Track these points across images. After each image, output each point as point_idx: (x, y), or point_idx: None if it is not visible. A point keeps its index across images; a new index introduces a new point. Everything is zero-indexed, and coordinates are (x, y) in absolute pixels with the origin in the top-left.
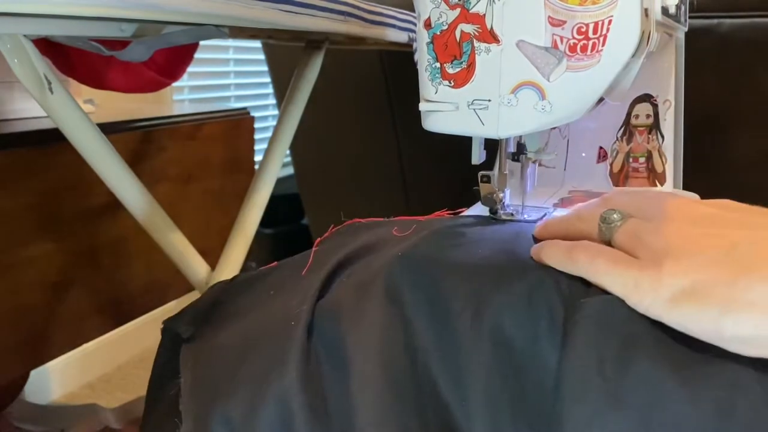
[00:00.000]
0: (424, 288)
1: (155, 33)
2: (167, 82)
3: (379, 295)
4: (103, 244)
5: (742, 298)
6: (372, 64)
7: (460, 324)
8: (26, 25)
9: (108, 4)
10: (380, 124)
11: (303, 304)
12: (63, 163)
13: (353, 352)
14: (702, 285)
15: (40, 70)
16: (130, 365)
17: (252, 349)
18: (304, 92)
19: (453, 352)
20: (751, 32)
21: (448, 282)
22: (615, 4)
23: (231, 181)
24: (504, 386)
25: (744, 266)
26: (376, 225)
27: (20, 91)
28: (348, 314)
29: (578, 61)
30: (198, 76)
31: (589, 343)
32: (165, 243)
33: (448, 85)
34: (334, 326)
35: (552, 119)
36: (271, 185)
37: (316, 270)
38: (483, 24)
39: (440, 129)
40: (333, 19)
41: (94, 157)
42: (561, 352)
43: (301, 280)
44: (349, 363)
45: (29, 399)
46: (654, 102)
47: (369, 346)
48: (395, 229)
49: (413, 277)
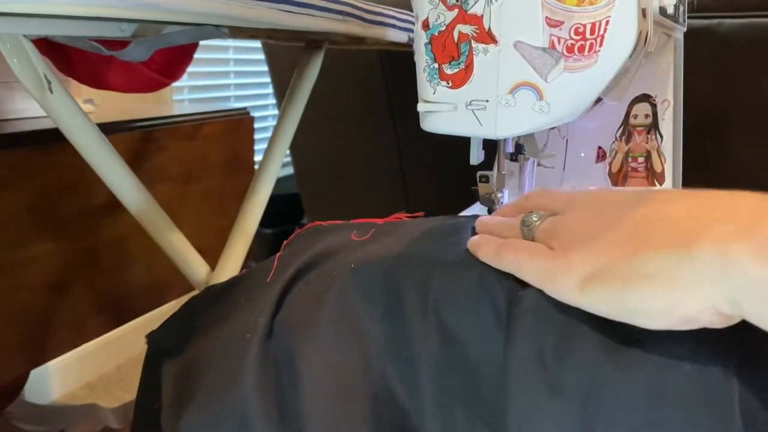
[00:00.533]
0: (375, 297)
1: (155, 33)
2: (167, 82)
3: (332, 306)
4: (103, 244)
5: (640, 273)
6: (372, 64)
7: (413, 326)
8: (26, 25)
9: (108, 4)
10: (380, 124)
11: (260, 316)
12: (63, 163)
13: (306, 364)
14: (605, 266)
15: (39, 70)
16: (130, 365)
17: (214, 362)
18: (304, 92)
19: (407, 356)
20: (751, 32)
21: (399, 286)
22: (612, 5)
23: (231, 181)
24: (457, 383)
25: (642, 243)
26: (336, 228)
27: (20, 91)
28: (302, 327)
29: (576, 62)
30: (198, 76)
31: (528, 334)
32: (165, 243)
33: (446, 86)
34: (290, 339)
35: (550, 119)
36: (271, 185)
37: (279, 275)
38: (481, 25)
39: (439, 129)
40: (332, 19)
41: (94, 157)
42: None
43: (266, 287)
44: (301, 375)
45: (29, 399)
46: (653, 102)
47: (321, 358)
48: (354, 233)
49: (365, 287)
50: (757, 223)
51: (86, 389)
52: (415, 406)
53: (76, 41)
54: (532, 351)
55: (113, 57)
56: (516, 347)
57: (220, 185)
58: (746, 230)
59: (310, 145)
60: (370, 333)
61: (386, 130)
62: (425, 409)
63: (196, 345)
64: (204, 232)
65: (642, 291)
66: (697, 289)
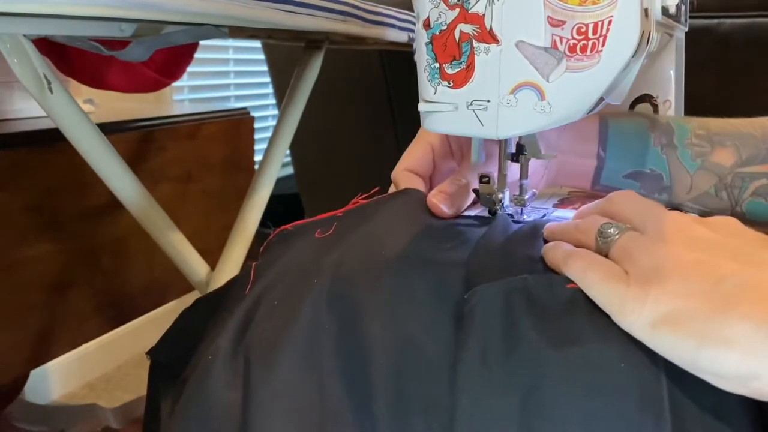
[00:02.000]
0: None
1: (155, 33)
2: (167, 82)
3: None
4: (103, 244)
5: (719, 334)
6: (372, 64)
7: (371, 335)
8: (26, 25)
9: (108, 4)
10: (380, 124)
11: (222, 338)
12: (63, 163)
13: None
14: (682, 314)
15: (39, 70)
16: (130, 365)
17: (189, 382)
18: (304, 92)
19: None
20: (751, 32)
21: (356, 296)
22: (615, 4)
23: (231, 181)
24: (416, 389)
25: (727, 301)
26: (301, 230)
27: (20, 91)
28: (264, 350)
29: (578, 62)
30: (198, 76)
31: (474, 334)
32: (165, 243)
33: (447, 86)
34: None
35: (551, 120)
36: (271, 185)
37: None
38: (482, 24)
39: (439, 129)
40: (332, 18)
41: (94, 157)
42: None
43: (242, 302)
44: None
45: (29, 399)
46: (654, 102)
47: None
48: (318, 232)
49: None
50: None
51: (86, 389)
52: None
53: (76, 41)
54: (477, 352)
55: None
56: (464, 348)
57: (220, 185)
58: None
59: (310, 145)
60: (325, 351)
61: (386, 130)
62: (381, 420)
63: (185, 363)
64: (204, 232)
65: (719, 354)
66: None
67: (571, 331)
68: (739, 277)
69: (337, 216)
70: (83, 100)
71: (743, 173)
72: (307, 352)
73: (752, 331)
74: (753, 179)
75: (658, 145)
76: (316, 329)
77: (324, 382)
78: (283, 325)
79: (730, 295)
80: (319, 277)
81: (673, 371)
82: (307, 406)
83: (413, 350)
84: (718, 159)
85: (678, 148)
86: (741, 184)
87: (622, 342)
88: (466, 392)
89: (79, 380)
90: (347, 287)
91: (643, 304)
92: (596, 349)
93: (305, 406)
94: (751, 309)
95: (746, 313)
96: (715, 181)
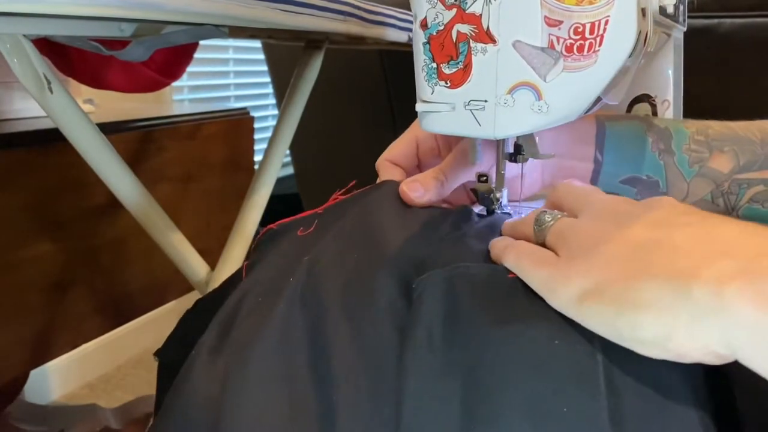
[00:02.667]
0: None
1: (155, 33)
2: (167, 81)
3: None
4: (103, 244)
5: (634, 298)
6: (372, 64)
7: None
8: (26, 25)
9: (108, 4)
10: (380, 124)
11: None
12: (63, 163)
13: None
14: (603, 285)
15: (39, 70)
16: (130, 365)
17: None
18: (304, 92)
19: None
20: (751, 32)
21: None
22: (612, 4)
23: (231, 181)
24: (376, 386)
25: (641, 267)
26: (285, 229)
27: (20, 91)
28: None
29: (575, 62)
30: (198, 76)
31: (420, 320)
32: (165, 243)
33: (444, 86)
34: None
35: (549, 120)
36: (271, 185)
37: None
38: (479, 24)
39: (437, 130)
40: (333, 18)
41: (94, 157)
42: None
43: (226, 300)
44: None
45: (29, 399)
46: (652, 102)
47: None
48: (300, 230)
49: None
50: (760, 263)
51: (86, 389)
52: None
53: (76, 41)
54: (423, 336)
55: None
56: (411, 335)
57: (220, 185)
58: (747, 270)
59: (310, 145)
60: (296, 345)
61: (386, 131)
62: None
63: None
64: (204, 232)
65: (634, 318)
66: (691, 326)
67: (510, 313)
68: (656, 241)
69: (318, 213)
70: (83, 100)
71: (740, 179)
72: (281, 346)
73: (663, 290)
74: (750, 185)
75: (656, 150)
76: (289, 325)
77: (294, 373)
78: (260, 320)
79: (646, 259)
80: (295, 275)
81: (609, 347)
82: (278, 397)
83: (371, 347)
84: (716, 165)
85: (676, 154)
86: (738, 190)
87: (557, 321)
88: (412, 375)
89: (78, 380)
90: (318, 285)
91: (569, 280)
92: (532, 327)
93: (276, 396)
94: (663, 269)
95: (658, 273)
96: (711, 188)
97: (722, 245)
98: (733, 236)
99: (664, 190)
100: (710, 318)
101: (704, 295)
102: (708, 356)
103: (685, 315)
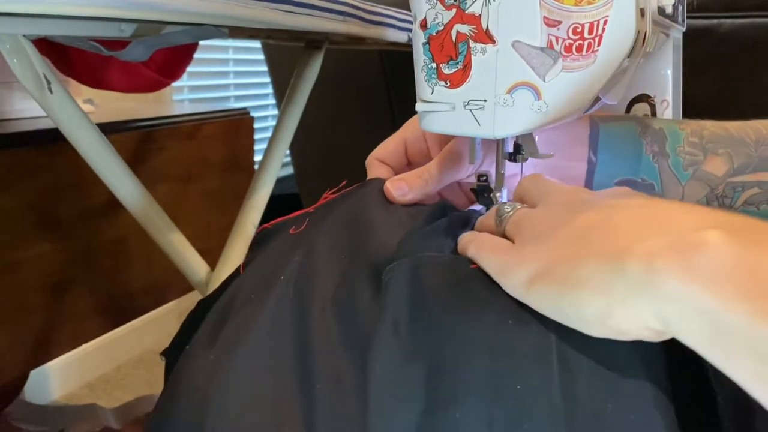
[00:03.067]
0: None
1: (155, 33)
2: (167, 82)
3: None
4: (103, 244)
5: (576, 278)
6: (372, 64)
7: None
8: (26, 25)
9: (108, 4)
10: (380, 123)
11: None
12: (63, 163)
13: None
14: (548, 267)
15: (39, 70)
16: (130, 365)
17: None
18: (304, 92)
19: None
20: (751, 32)
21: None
22: (610, 4)
23: (230, 181)
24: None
25: (583, 248)
26: (279, 227)
27: (20, 91)
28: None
29: (574, 62)
30: (198, 76)
31: (387, 307)
32: (164, 243)
33: (444, 86)
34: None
35: (548, 119)
36: (270, 185)
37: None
38: (479, 24)
39: (437, 129)
40: (332, 19)
41: (93, 157)
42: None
43: (221, 297)
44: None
45: (29, 399)
46: (651, 102)
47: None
48: (292, 229)
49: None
50: (691, 238)
51: (86, 389)
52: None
53: (76, 41)
54: (389, 322)
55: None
56: (380, 322)
57: (219, 185)
58: (677, 245)
59: (310, 145)
60: (283, 339)
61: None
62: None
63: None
64: (204, 232)
65: (575, 297)
66: (626, 302)
67: (469, 298)
68: (599, 222)
69: (309, 212)
70: (83, 100)
71: (734, 183)
72: (269, 341)
73: (600, 268)
74: (744, 188)
75: (650, 152)
76: (278, 321)
77: (280, 367)
78: (251, 317)
79: (588, 241)
80: (286, 273)
81: (563, 327)
82: (263, 388)
83: (350, 347)
84: (710, 168)
85: (670, 156)
86: (733, 194)
87: (512, 304)
88: (379, 361)
89: (78, 380)
90: (307, 285)
91: (519, 265)
92: (488, 310)
93: (262, 387)
94: (603, 248)
95: (597, 253)
96: (706, 192)
97: (658, 224)
98: (669, 215)
99: (660, 193)
100: (642, 293)
101: (636, 272)
102: (645, 332)
103: (620, 292)
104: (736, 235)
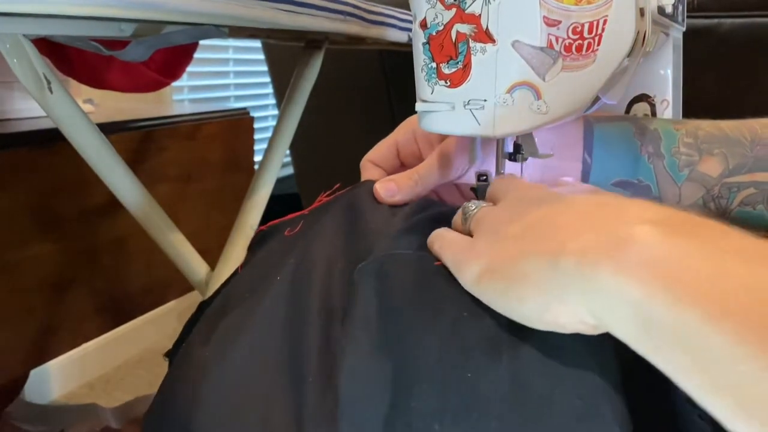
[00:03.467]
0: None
1: (155, 33)
2: (167, 81)
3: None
4: (103, 244)
5: (519, 273)
6: (372, 64)
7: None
8: (26, 25)
9: (107, 3)
10: (380, 124)
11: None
12: (63, 163)
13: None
14: (496, 263)
15: (39, 70)
16: (130, 365)
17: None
18: (304, 92)
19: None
20: (751, 32)
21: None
22: (610, 4)
23: (230, 181)
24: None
25: (527, 244)
26: (275, 229)
27: (20, 91)
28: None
29: (573, 61)
30: (198, 76)
31: (356, 304)
32: (164, 243)
33: (444, 85)
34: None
35: (548, 119)
36: (270, 185)
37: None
38: (478, 24)
39: (437, 129)
40: (332, 18)
41: (93, 157)
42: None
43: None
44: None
45: (29, 399)
46: (651, 102)
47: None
48: (288, 230)
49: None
50: (620, 233)
51: (86, 389)
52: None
53: (76, 41)
54: (359, 316)
55: (113, 57)
56: (350, 320)
57: (219, 185)
58: (609, 241)
59: (310, 145)
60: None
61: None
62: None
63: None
64: (204, 232)
65: (518, 292)
66: (561, 298)
67: (430, 292)
68: (545, 217)
69: (304, 215)
70: (83, 100)
71: (730, 183)
72: (262, 338)
73: (539, 265)
74: (740, 189)
75: (645, 153)
76: (272, 320)
77: (270, 364)
78: (246, 315)
79: (533, 237)
80: (280, 274)
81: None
82: (254, 386)
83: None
84: (706, 169)
85: (665, 157)
86: (728, 194)
87: (468, 298)
88: (351, 354)
89: (78, 380)
90: (300, 285)
91: (471, 261)
92: (448, 304)
93: (252, 384)
94: (546, 244)
95: (539, 248)
96: (702, 193)
97: (598, 221)
98: (610, 212)
99: (657, 194)
100: (575, 289)
101: (569, 268)
102: (581, 326)
103: (556, 288)
104: (668, 230)
